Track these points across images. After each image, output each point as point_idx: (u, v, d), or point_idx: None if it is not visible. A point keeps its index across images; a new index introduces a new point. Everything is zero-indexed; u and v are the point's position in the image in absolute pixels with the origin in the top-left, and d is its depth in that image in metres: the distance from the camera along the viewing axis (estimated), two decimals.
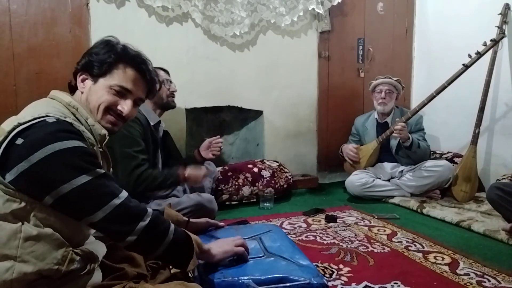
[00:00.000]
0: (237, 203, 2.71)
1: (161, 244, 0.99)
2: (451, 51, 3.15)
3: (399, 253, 1.82)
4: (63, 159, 0.89)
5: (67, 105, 1.04)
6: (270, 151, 3.19)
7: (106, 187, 0.94)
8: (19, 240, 0.87)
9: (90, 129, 1.05)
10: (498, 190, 2.06)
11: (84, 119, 1.05)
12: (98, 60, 1.08)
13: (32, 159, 0.87)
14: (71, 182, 0.89)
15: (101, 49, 1.10)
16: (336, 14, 3.27)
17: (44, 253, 0.89)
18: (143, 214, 0.98)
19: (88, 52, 1.12)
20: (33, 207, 0.90)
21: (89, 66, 1.09)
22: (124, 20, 2.61)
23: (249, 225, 2.06)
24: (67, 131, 0.93)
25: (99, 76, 1.09)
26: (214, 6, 2.83)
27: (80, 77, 1.10)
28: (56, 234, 0.92)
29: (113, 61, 1.09)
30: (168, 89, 2.21)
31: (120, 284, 1.01)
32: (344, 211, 2.53)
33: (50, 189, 0.89)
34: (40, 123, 0.91)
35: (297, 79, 3.23)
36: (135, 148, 1.93)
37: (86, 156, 0.94)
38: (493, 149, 2.93)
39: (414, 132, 2.89)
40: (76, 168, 0.91)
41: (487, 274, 1.58)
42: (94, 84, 1.09)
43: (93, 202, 0.92)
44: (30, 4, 2.35)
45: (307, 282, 1.08)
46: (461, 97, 3.06)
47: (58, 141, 0.89)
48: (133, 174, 1.89)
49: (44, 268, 0.89)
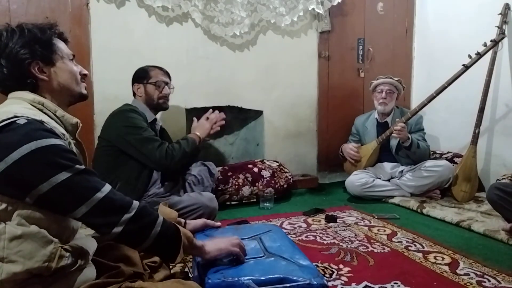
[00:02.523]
0: (237, 203, 2.71)
1: (148, 236, 0.99)
2: (451, 51, 3.15)
3: (399, 253, 1.82)
4: (40, 157, 0.89)
5: (32, 102, 1.02)
6: (270, 151, 3.19)
7: (87, 182, 0.94)
8: (4, 241, 0.87)
9: (60, 122, 1.05)
10: (498, 190, 2.06)
11: (52, 113, 1.04)
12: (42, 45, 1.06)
13: (8, 160, 0.86)
14: (50, 180, 0.89)
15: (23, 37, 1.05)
16: (336, 14, 3.27)
17: (32, 251, 0.89)
18: (128, 206, 0.98)
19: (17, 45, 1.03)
20: (15, 207, 0.89)
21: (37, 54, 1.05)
22: (124, 20, 2.61)
23: (249, 225, 2.06)
24: (41, 130, 0.92)
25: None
26: (214, 6, 2.83)
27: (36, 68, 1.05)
28: (42, 231, 0.91)
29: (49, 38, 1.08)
30: (160, 92, 2.17)
31: (117, 284, 1.01)
32: (344, 211, 2.53)
33: (30, 189, 0.88)
34: (11, 125, 0.90)
35: (297, 79, 3.23)
36: (147, 133, 2.00)
37: (63, 153, 0.93)
38: (493, 149, 2.93)
39: (414, 132, 2.89)
40: (54, 166, 0.90)
41: (487, 274, 1.58)
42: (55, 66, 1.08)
43: (74, 198, 0.92)
44: (30, 4, 2.35)
45: (307, 282, 1.07)
46: (461, 97, 3.06)
47: (33, 141, 0.88)
48: (161, 151, 1.96)
49: (34, 267, 0.88)
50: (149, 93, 2.17)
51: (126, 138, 1.97)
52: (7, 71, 1.02)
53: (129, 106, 2.12)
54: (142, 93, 2.17)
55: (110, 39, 2.57)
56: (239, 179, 2.73)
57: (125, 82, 2.29)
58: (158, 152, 1.95)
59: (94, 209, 0.93)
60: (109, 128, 2.06)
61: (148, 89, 2.17)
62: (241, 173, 2.76)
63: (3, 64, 1.02)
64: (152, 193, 2.10)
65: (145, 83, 2.17)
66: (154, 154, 1.95)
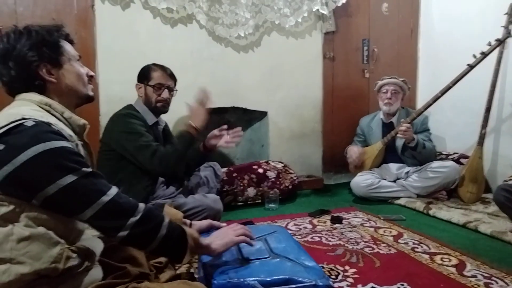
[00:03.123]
0: (242, 204, 2.71)
1: (154, 239, 0.99)
2: (456, 52, 3.13)
3: (406, 254, 1.81)
4: (48, 160, 0.89)
5: (39, 103, 1.02)
6: (275, 152, 3.19)
7: (93, 185, 0.94)
8: (12, 243, 0.87)
9: (68, 123, 1.05)
10: (505, 191, 2.04)
11: (59, 114, 1.04)
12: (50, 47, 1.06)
13: (16, 162, 0.86)
14: (57, 182, 0.89)
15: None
16: (341, 14, 3.27)
17: (39, 252, 0.89)
18: (134, 209, 0.98)
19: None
20: (23, 208, 0.89)
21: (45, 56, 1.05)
22: (129, 22, 2.63)
23: (254, 226, 2.05)
24: (48, 132, 0.92)
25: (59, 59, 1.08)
26: (218, 8, 2.84)
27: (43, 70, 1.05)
28: (49, 232, 0.92)
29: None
30: (159, 95, 2.11)
31: (123, 284, 1.01)
32: (349, 212, 2.51)
33: (37, 191, 0.88)
34: (19, 127, 0.90)
35: (301, 80, 3.23)
36: (144, 139, 1.96)
37: (70, 155, 0.93)
38: (500, 149, 2.90)
39: (420, 132, 2.88)
40: (61, 168, 0.90)
41: (494, 276, 1.57)
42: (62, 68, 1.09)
43: (80, 201, 0.92)
44: (36, 6, 2.37)
45: (313, 283, 1.07)
46: (467, 98, 3.04)
47: (40, 143, 0.88)
48: (156, 160, 1.92)
49: (41, 268, 0.89)
50: (148, 95, 2.12)
51: (123, 144, 1.95)
52: (15, 73, 1.03)
53: (128, 110, 2.08)
54: (142, 93, 2.14)
55: (115, 40, 2.58)
56: (244, 180, 2.73)
57: (130, 83, 2.30)
58: (154, 159, 1.92)
59: (100, 212, 0.93)
60: (108, 132, 2.05)
61: (148, 91, 2.12)
62: (246, 174, 2.76)
63: (11, 66, 1.02)
64: (157, 195, 2.10)
65: (145, 84, 2.13)
66: (150, 161, 1.92)
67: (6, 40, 1.03)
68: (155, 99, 2.11)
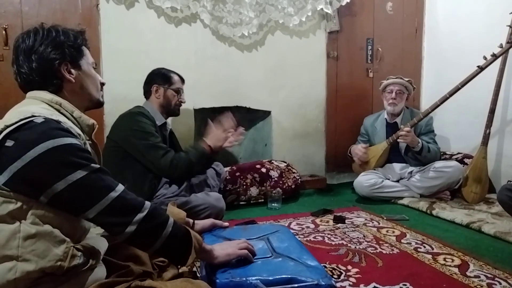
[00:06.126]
0: (245, 203, 2.72)
1: (159, 237, 1.00)
2: (461, 51, 3.12)
3: (408, 254, 1.81)
4: (57, 156, 0.90)
5: (50, 102, 1.04)
6: (278, 151, 3.19)
7: (102, 181, 0.95)
8: (19, 240, 0.88)
9: (77, 122, 1.06)
10: (509, 191, 2.04)
11: (69, 113, 1.06)
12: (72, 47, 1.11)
13: (25, 158, 0.87)
14: (66, 178, 0.90)
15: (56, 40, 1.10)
16: (345, 14, 3.26)
17: (45, 250, 0.90)
18: (141, 206, 0.99)
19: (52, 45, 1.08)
20: (30, 205, 0.90)
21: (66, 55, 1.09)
22: (134, 21, 2.64)
23: (257, 225, 2.06)
24: (57, 129, 0.93)
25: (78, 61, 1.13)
26: (222, 7, 2.84)
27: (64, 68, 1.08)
28: (55, 230, 0.92)
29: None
30: (178, 99, 2.24)
31: (126, 282, 1.01)
32: (352, 212, 2.51)
33: (46, 187, 0.89)
34: (28, 124, 0.91)
35: (305, 79, 3.22)
36: (154, 139, 2.00)
37: (79, 152, 0.94)
38: (504, 150, 2.89)
39: (424, 134, 2.87)
40: (71, 165, 0.91)
41: (498, 277, 1.56)
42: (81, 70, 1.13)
43: (90, 197, 0.93)
44: (42, 5, 2.38)
45: (315, 283, 1.07)
46: (472, 98, 3.02)
47: (50, 139, 0.90)
48: (165, 160, 1.96)
49: (47, 266, 0.90)
50: (168, 98, 2.20)
51: (133, 142, 1.98)
52: (36, 66, 1.04)
53: (139, 109, 2.11)
54: (160, 96, 2.19)
55: (119, 40, 2.59)
56: (247, 179, 2.73)
57: (134, 83, 2.31)
58: (162, 160, 1.96)
59: (108, 208, 0.94)
60: (118, 129, 2.07)
61: (168, 94, 2.20)
62: (249, 173, 2.76)
63: (34, 59, 1.04)
64: (159, 194, 2.11)
65: (166, 87, 2.19)
66: (159, 162, 1.96)
67: (34, 36, 1.05)
68: (175, 103, 2.23)
